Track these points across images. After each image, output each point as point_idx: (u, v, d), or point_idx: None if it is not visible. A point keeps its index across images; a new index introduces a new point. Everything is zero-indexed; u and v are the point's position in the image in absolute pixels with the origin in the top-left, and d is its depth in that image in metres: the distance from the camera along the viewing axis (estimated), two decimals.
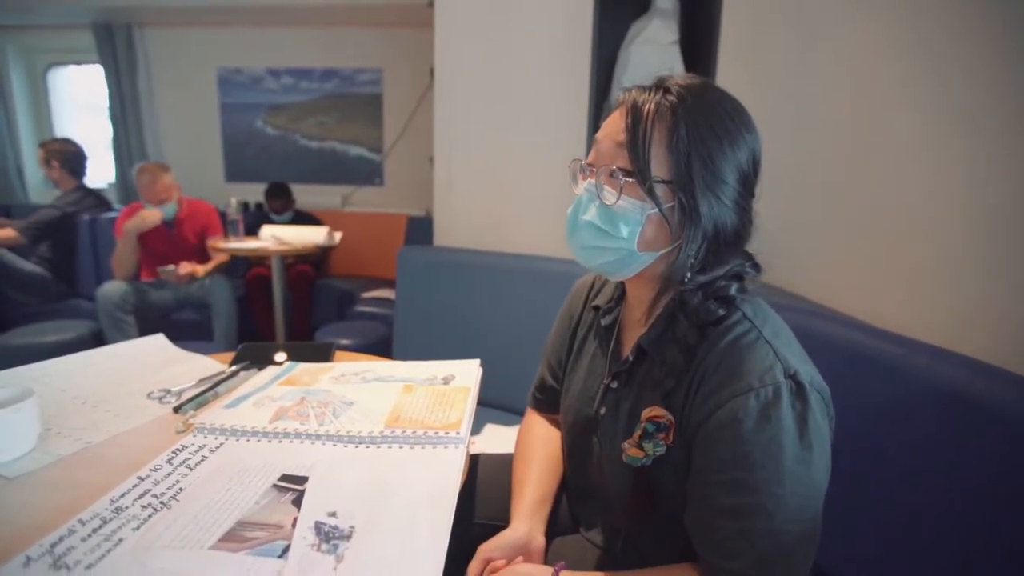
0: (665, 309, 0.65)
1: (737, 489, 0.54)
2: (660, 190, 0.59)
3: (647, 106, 0.60)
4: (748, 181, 0.62)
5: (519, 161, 1.88)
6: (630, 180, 0.60)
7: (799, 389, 0.55)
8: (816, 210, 1.24)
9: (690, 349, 0.60)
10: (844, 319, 1.00)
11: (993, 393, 0.65)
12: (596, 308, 0.80)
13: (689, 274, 0.61)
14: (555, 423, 0.91)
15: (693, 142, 0.58)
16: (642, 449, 0.61)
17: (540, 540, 0.73)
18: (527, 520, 0.74)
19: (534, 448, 0.85)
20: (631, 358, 0.67)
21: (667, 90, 0.61)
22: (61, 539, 0.52)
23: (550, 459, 0.84)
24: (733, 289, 0.61)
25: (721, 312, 0.60)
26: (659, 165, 0.59)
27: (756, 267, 0.64)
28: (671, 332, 0.62)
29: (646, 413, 0.62)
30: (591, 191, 0.63)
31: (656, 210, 0.59)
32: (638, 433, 0.62)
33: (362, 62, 3.83)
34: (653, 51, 1.68)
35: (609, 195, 0.61)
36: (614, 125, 0.63)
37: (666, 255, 0.62)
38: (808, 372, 0.57)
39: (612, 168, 0.61)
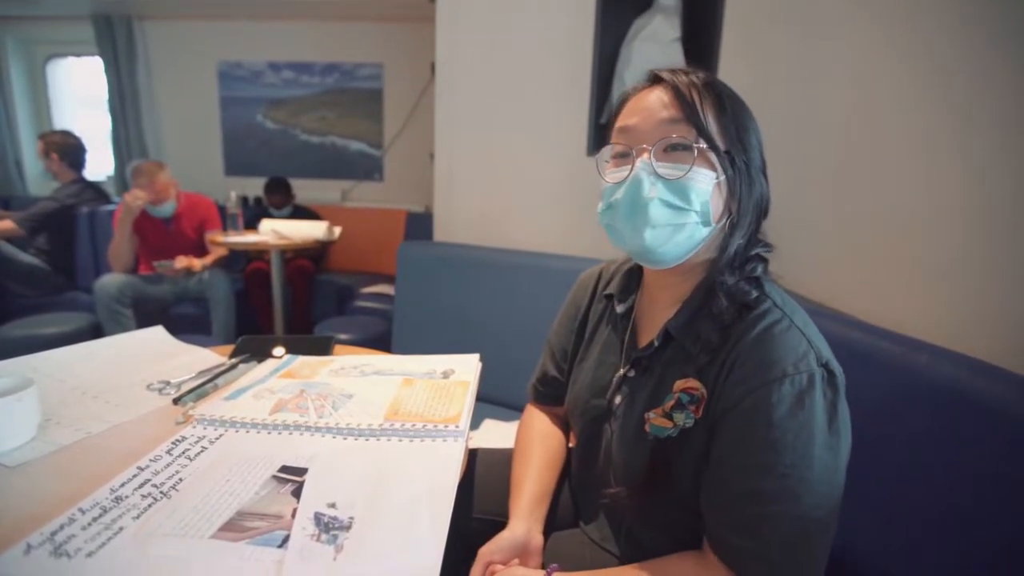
0: (693, 293, 0.65)
1: (765, 473, 0.55)
2: (721, 159, 0.61)
3: (687, 84, 0.62)
4: (762, 150, 0.66)
5: (520, 157, 1.88)
6: (702, 146, 0.59)
7: (831, 377, 0.57)
8: (815, 208, 1.24)
9: (725, 328, 0.61)
10: (843, 317, 1.01)
11: (992, 392, 0.65)
12: (609, 296, 0.79)
13: (740, 244, 0.63)
14: (555, 417, 0.91)
15: (735, 113, 0.62)
16: (671, 419, 0.61)
17: (538, 539, 0.73)
18: (525, 519, 0.74)
19: (533, 445, 0.85)
20: (656, 343, 0.67)
21: (696, 73, 0.63)
22: (61, 527, 0.52)
23: (548, 456, 0.84)
24: (760, 270, 0.63)
25: (754, 293, 0.61)
26: (715, 134, 0.61)
27: (767, 246, 0.66)
28: (706, 310, 0.63)
29: (680, 384, 0.61)
30: (648, 170, 0.61)
31: (724, 176, 0.61)
32: (670, 403, 0.61)
33: (363, 57, 3.82)
34: (655, 48, 1.68)
35: (673, 169, 0.60)
36: (651, 107, 0.62)
37: (720, 229, 0.63)
38: (835, 361, 0.58)
39: (673, 141, 0.60)
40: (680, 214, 0.60)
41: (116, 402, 0.81)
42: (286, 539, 0.53)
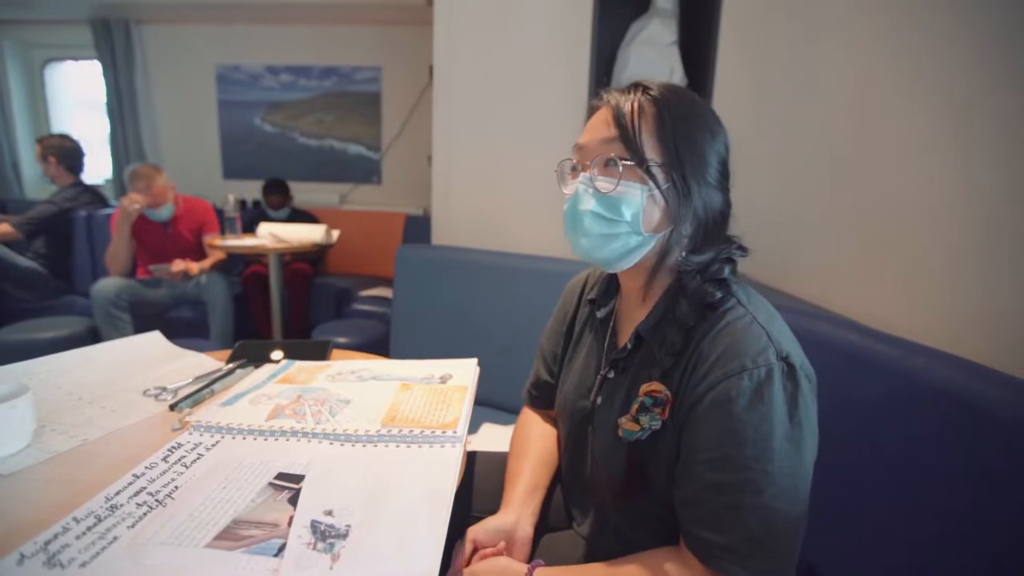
0: (662, 297, 0.68)
1: (727, 466, 0.56)
2: (655, 172, 0.63)
3: (629, 103, 0.64)
4: (726, 167, 0.67)
5: (517, 160, 1.88)
6: (628, 163, 0.63)
7: (791, 371, 0.58)
8: (813, 210, 1.24)
9: (688, 331, 0.63)
10: (840, 320, 1.00)
11: (990, 395, 0.65)
12: (591, 302, 0.81)
13: (684, 254, 0.65)
14: (550, 420, 0.92)
15: (678, 128, 0.63)
16: (638, 423, 0.63)
17: (527, 530, 0.74)
18: (516, 509, 0.75)
19: (528, 443, 0.87)
20: (629, 345, 0.69)
21: (645, 88, 0.66)
22: (55, 536, 0.52)
23: (544, 454, 0.85)
24: (727, 272, 0.65)
25: (718, 295, 0.63)
26: (651, 149, 0.63)
27: (742, 249, 0.67)
28: (671, 314, 0.65)
29: (644, 388, 0.63)
30: (586, 183, 0.66)
31: (656, 190, 0.63)
32: (635, 406, 0.63)
33: (361, 60, 3.83)
34: (652, 51, 1.68)
35: (607, 183, 0.64)
36: (597, 126, 0.67)
37: (663, 238, 0.65)
38: (799, 356, 0.59)
39: (607, 157, 0.64)
40: (611, 224, 0.64)
41: (112, 408, 0.81)
42: (282, 548, 0.52)
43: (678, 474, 0.62)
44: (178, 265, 2.52)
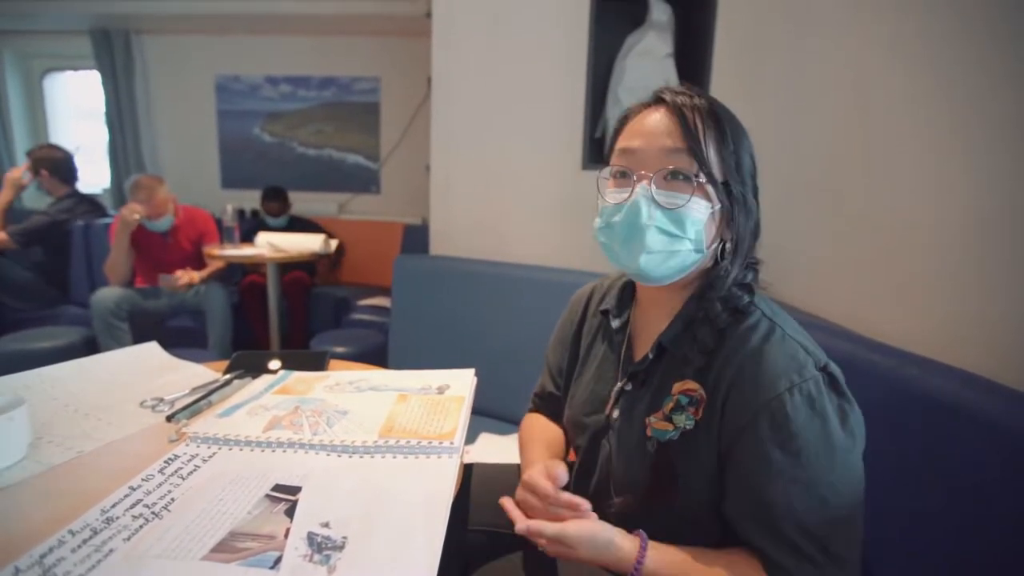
0: (685, 306, 0.67)
1: (791, 484, 0.56)
2: (719, 189, 0.63)
3: (691, 110, 0.63)
4: (756, 174, 0.68)
5: (515, 170, 1.89)
6: (702, 180, 0.62)
7: (832, 380, 0.59)
8: (808, 219, 1.25)
9: (720, 332, 0.63)
10: (835, 328, 1.01)
11: (983, 404, 0.66)
12: (604, 312, 0.80)
13: (729, 268, 0.65)
14: (554, 423, 0.92)
15: (735, 144, 0.63)
16: (671, 422, 0.63)
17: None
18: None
19: (536, 432, 0.87)
20: (651, 356, 0.68)
21: (698, 96, 0.65)
22: (51, 550, 0.52)
23: (555, 441, 0.86)
24: (750, 277, 0.66)
25: (746, 298, 0.64)
26: (714, 166, 0.63)
27: (755, 260, 0.69)
28: (700, 314, 0.64)
29: (678, 386, 0.63)
30: (647, 197, 0.62)
31: (720, 207, 0.63)
32: (670, 405, 0.63)
33: (360, 71, 3.85)
34: (648, 63, 1.69)
35: (673, 198, 0.62)
36: (656, 133, 0.64)
37: (713, 252, 0.66)
38: (832, 363, 0.60)
39: (676, 171, 0.62)
40: (675, 241, 0.62)
41: (108, 420, 0.81)
42: (279, 560, 0.52)
43: (736, 498, 0.61)
44: (183, 277, 2.52)
